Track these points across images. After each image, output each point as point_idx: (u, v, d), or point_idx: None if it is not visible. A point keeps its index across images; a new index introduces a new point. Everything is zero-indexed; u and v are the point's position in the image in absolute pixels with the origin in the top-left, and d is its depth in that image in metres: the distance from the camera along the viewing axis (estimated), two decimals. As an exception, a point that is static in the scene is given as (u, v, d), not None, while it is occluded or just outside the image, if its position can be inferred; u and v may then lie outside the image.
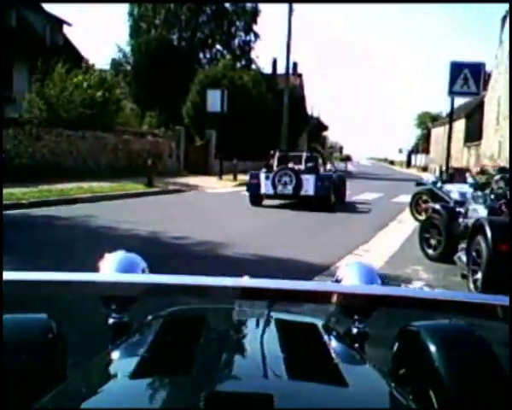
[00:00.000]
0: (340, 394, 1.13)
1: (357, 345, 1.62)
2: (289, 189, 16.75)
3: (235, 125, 32.69)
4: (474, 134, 57.07)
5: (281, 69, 50.96)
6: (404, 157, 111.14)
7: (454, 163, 56.92)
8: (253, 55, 50.93)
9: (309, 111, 63.97)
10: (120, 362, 1.33)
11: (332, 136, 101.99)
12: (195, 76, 37.55)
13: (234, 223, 12.43)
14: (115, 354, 1.36)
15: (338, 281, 1.74)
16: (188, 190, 21.24)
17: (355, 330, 1.68)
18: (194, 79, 37.19)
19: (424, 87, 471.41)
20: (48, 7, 34.46)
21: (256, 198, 17.20)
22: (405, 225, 13.25)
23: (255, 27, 50.42)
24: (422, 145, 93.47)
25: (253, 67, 49.24)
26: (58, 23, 37.27)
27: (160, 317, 1.56)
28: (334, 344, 1.43)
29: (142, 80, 39.48)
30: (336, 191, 17.53)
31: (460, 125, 62.40)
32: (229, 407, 0.99)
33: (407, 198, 20.88)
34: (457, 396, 1.37)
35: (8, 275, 1.27)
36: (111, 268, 1.66)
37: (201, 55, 49.77)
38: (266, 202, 17.38)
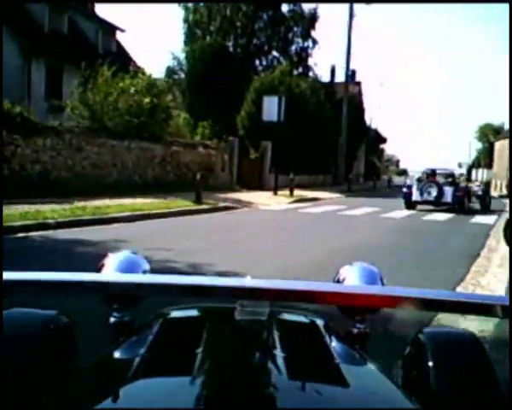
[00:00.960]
0: (341, 394, 1.16)
1: (357, 345, 1.61)
2: (432, 197, 22.36)
3: (291, 136, 30.83)
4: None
5: (339, 77, 49.46)
6: (463, 171, 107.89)
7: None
8: (310, 62, 49.08)
9: (367, 122, 61.73)
10: (121, 362, 1.35)
11: (388, 148, 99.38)
12: (251, 84, 35.80)
13: (295, 251, 10.29)
14: (116, 354, 1.38)
15: (339, 281, 1.77)
16: (239, 207, 19.30)
17: (356, 331, 1.73)
18: (249, 87, 35.45)
19: (486, 97, 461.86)
20: (102, 14, 33.22)
21: (409, 203, 22.78)
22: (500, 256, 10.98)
23: (313, 33, 48.52)
24: (484, 159, 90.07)
25: (311, 74, 47.36)
26: (111, 29, 36.22)
27: (160, 317, 1.60)
28: (334, 344, 1.46)
29: (195, 88, 37.88)
30: (482, 201, 24.62)
31: (528, 139, 59.11)
32: (230, 406, 1.01)
33: (487, 219, 19.09)
34: (449, 404, 1.37)
35: (9, 275, 1.24)
36: (112, 268, 1.69)
37: (257, 63, 48.09)
38: (330, 228, 15.39)
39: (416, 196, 22.74)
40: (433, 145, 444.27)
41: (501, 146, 75.99)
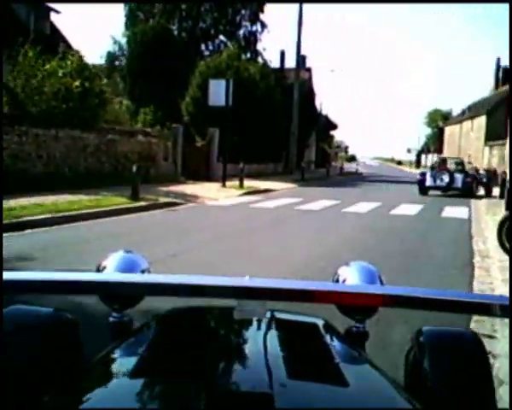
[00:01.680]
0: (341, 393, 1.16)
1: (357, 345, 1.64)
2: (444, 183, 25.14)
3: (240, 122, 28.67)
4: (495, 132, 52.89)
5: (289, 63, 47.64)
6: (412, 157, 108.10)
7: (474, 163, 52.90)
8: (259, 46, 46.95)
9: (318, 108, 60.16)
10: (120, 362, 1.35)
11: (337, 135, 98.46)
12: (196, 68, 33.48)
13: (251, 269, 8.10)
14: (115, 354, 1.38)
15: (338, 281, 1.77)
16: (183, 202, 17.03)
17: (355, 330, 1.74)
18: (194, 72, 33.13)
19: (433, 84, 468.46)
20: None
21: (423, 189, 25.51)
22: (495, 262, 9.06)
23: (262, 17, 46.49)
24: (433, 144, 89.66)
25: (260, 59, 45.25)
26: (44, 10, 33.29)
27: (160, 317, 1.64)
28: (334, 344, 1.48)
29: (136, 73, 35.42)
30: (486, 187, 25.89)
31: (480, 123, 58.24)
32: (230, 407, 1.01)
33: (459, 212, 17.35)
34: (449, 402, 1.40)
35: (9, 275, 1.24)
36: (112, 268, 1.70)
37: (203, 47, 45.74)
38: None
39: (429, 181, 25.69)
40: (382, 131, 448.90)
41: (450, 131, 75.55)
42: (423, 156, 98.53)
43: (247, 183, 24.31)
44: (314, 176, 38.59)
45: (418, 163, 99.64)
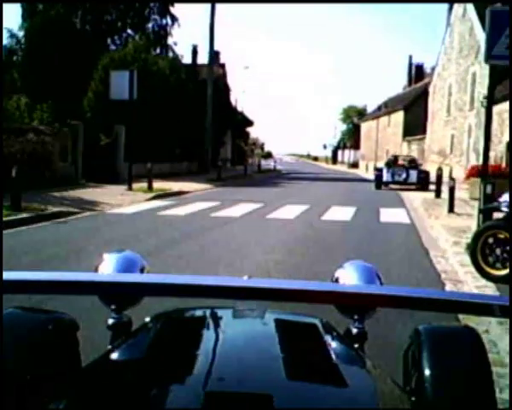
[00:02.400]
0: (340, 394, 1.17)
1: (356, 345, 1.64)
2: (402, 178, 27.55)
3: (149, 118, 26.05)
4: (413, 127, 52.20)
5: (202, 59, 45.43)
6: (328, 153, 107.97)
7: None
8: (170, 41, 44.25)
9: (233, 104, 58.15)
10: (120, 363, 1.36)
11: (253, 132, 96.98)
12: (100, 61, 30.58)
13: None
14: (115, 355, 1.40)
15: (337, 281, 1.78)
16: (78, 210, 14.29)
17: (355, 330, 1.73)
18: (98, 65, 30.25)
19: (348, 81, 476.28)
20: None
21: (379, 184, 27.77)
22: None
23: (172, 10, 43.92)
24: (349, 140, 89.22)
25: (171, 55, 42.62)
26: None
27: (159, 317, 1.61)
28: (333, 344, 1.46)
29: (35, 69, 32.11)
30: (425, 182, 27.43)
31: (397, 118, 57.57)
32: (230, 406, 1.02)
33: (398, 214, 15.44)
34: (448, 400, 1.36)
35: (9, 275, 1.24)
36: (111, 267, 1.71)
37: (110, 41, 42.65)
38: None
39: (386, 177, 28.13)
40: (298, 127, 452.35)
41: (367, 127, 74.95)
42: (340, 152, 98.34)
43: (158, 184, 21.75)
44: (231, 175, 36.20)
45: (335, 159, 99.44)
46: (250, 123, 68.42)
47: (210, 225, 12.34)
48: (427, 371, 1.39)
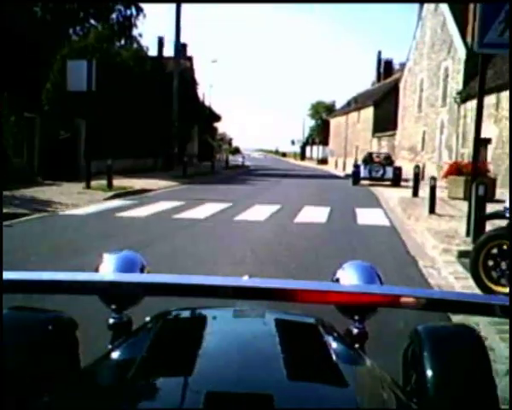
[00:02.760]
0: (340, 394, 1.16)
1: (357, 345, 1.64)
2: (379, 174, 28.91)
3: (111, 112, 24.70)
4: (382, 123, 51.43)
5: (169, 52, 44.04)
6: (297, 149, 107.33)
7: (361, 154, 51.25)
8: (135, 33, 42.67)
9: (200, 99, 56.89)
10: (120, 362, 1.35)
11: (220, 127, 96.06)
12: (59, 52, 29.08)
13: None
14: (115, 354, 1.38)
15: (338, 281, 1.75)
16: (29, 212, 12.95)
17: (355, 331, 1.71)
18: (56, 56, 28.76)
19: (316, 77, 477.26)
20: None
21: (357, 180, 28.89)
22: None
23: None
24: (318, 136, 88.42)
25: (136, 46, 41.11)
26: None
27: (160, 317, 1.60)
28: (334, 344, 1.45)
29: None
30: (399, 178, 28.66)
31: (367, 114, 56.74)
32: (229, 406, 1.02)
33: (375, 215, 14.45)
34: (449, 399, 1.35)
35: (9, 275, 1.23)
36: (111, 267, 1.69)
37: (72, 31, 40.97)
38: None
39: (364, 173, 29.27)
40: (266, 122, 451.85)
41: (336, 123, 74.15)
42: (308, 148, 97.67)
43: (120, 182, 20.51)
44: (198, 171, 34.95)
45: (303, 155, 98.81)
46: (218, 118, 67.18)
47: (171, 229, 11.10)
48: (427, 371, 1.36)
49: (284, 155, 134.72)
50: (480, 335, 1.53)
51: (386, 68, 66.07)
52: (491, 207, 9.63)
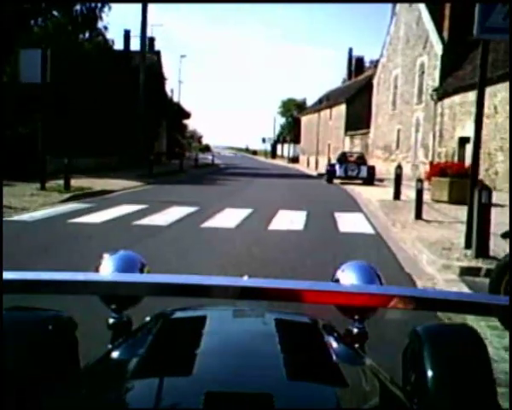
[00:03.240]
0: (340, 394, 1.16)
1: (357, 345, 1.64)
2: (354, 173, 29.63)
3: (71, 106, 23.17)
4: (355, 121, 50.31)
5: (135, 46, 42.47)
6: (268, 147, 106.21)
7: (333, 153, 50.16)
8: (100, 25, 41.06)
9: (169, 95, 55.53)
10: (120, 362, 1.36)
11: (190, 124, 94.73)
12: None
13: None
14: (115, 354, 1.40)
15: (338, 281, 1.77)
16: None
17: (355, 331, 1.71)
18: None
19: (287, 74, 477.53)
20: None
21: (331, 179, 30.02)
22: None
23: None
24: (289, 134, 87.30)
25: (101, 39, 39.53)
26: None
27: (159, 317, 1.61)
28: (334, 344, 1.46)
29: None
30: (373, 177, 29.57)
31: (339, 112, 55.55)
32: (229, 406, 1.03)
33: (360, 222, 13.04)
34: (450, 399, 1.33)
35: (9, 275, 1.23)
36: (111, 267, 1.71)
37: (33, 23, 39.17)
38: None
39: (339, 172, 29.90)
40: (236, 120, 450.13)
41: (307, 120, 73.02)
42: (279, 146, 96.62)
43: (79, 182, 19.08)
44: (166, 170, 33.48)
45: (274, 153, 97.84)
46: (187, 114, 65.66)
47: (128, 241, 9.51)
48: (427, 371, 1.34)
49: (255, 153, 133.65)
50: (480, 335, 1.45)
51: (357, 66, 65.32)
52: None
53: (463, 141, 27.00)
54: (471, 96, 26.00)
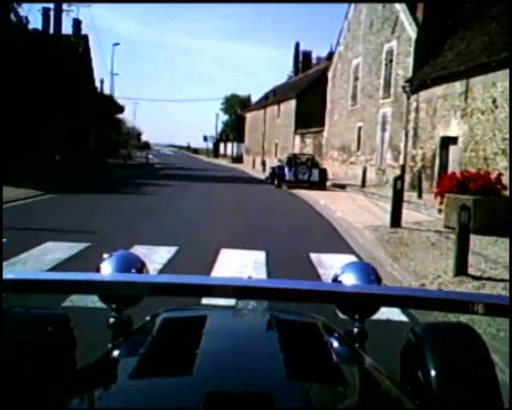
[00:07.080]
0: (341, 393, 1.16)
1: (357, 345, 1.63)
2: (305, 177, 28.03)
3: None
4: (308, 118, 45.17)
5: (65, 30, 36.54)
6: (210, 145, 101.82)
7: (281, 153, 44.98)
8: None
9: (98, 86, 49.73)
10: (120, 362, 1.35)
11: (129, 120, 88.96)
12: None
13: None
14: (115, 354, 1.39)
15: (338, 281, 1.74)
16: None
17: (355, 330, 1.70)
18: None
19: (230, 69, 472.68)
20: None
21: (281, 183, 28.27)
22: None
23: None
24: (232, 132, 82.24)
25: (13, 17, 33.60)
26: None
27: (160, 317, 1.57)
28: (334, 344, 1.44)
29: None
30: (324, 181, 28.32)
31: (289, 108, 50.31)
32: (229, 407, 1.02)
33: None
34: (451, 397, 1.33)
35: (9, 275, 1.22)
36: (111, 267, 1.69)
37: None
38: None
39: (289, 176, 27.90)
40: (178, 116, 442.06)
41: (252, 117, 67.89)
42: (222, 145, 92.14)
43: None
44: (79, 173, 26.93)
45: (216, 152, 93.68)
46: (120, 109, 59.62)
47: None
48: (427, 370, 1.35)
49: (196, 151, 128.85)
50: (480, 334, 1.46)
51: (304, 60, 61.12)
52: None
53: (446, 141, 22.06)
54: (458, 86, 21.12)
